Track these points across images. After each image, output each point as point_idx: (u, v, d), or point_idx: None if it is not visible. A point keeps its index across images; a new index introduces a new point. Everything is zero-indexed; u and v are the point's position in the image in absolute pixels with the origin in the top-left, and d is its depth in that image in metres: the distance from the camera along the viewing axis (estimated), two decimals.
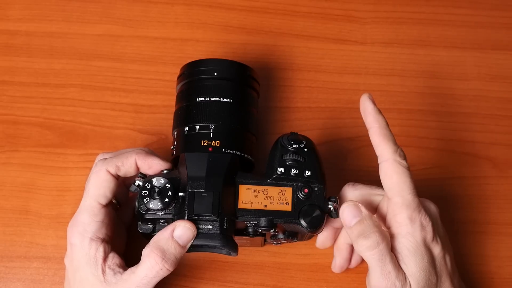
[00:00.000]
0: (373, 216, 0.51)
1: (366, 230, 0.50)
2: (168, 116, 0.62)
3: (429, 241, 0.51)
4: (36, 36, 0.69)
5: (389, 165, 0.51)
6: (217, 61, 0.58)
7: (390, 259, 0.49)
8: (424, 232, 0.51)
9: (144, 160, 0.54)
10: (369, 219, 0.50)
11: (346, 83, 0.69)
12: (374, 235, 0.49)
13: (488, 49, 0.72)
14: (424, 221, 0.51)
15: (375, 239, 0.49)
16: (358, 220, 0.50)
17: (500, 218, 0.64)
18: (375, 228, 0.50)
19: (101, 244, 0.52)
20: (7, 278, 0.60)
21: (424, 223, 0.51)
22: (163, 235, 0.50)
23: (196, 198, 0.50)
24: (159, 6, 0.72)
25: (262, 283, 0.61)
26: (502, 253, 0.62)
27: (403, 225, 0.51)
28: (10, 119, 0.66)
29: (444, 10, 0.73)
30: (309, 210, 0.51)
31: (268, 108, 0.67)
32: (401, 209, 0.51)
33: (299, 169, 0.53)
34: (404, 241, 0.50)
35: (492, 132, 0.68)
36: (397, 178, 0.51)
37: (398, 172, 0.51)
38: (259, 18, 0.72)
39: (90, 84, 0.68)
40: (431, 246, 0.51)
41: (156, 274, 0.49)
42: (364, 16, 0.73)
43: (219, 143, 0.54)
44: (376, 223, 0.50)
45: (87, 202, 0.53)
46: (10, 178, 0.63)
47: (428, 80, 0.70)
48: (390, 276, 0.49)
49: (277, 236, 0.55)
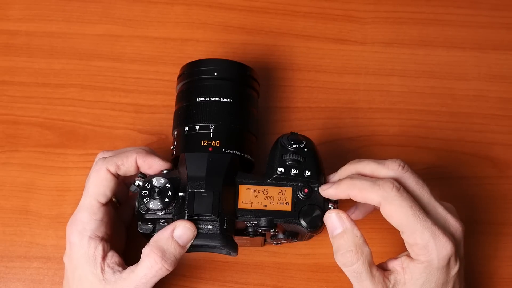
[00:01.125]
0: (354, 228, 0.49)
1: (342, 247, 0.49)
2: (168, 116, 0.62)
3: (451, 261, 0.49)
4: (36, 36, 0.69)
5: (383, 206, 0.49)
6: (217, 61, 0.58)
7: (367, 275, 0.48)
8: (444, 257, 0.48)
9: (144, 159, 0.54)
10: (349, 233, 0.49)
11: (346, 83, 0.69)
12: (349, 254, 0.48)
13: (488, 49, 0.72)
14: (442, 247, 0.48)
15: (349, 259, 0.48)
16: (338, 233, 0.50)
17: (500, 218, 0.64)
18: (352, 246, 0.49)
19: (100, 243, 0.52)
20: (7, 278, 0.60)
21: (442, 249, 0.48)
22: (163, 234, 0.50)
23: (196, 198, 0.50)
24: (159, 6, 0.72)
25: (262, 283, 0.61)
26: (502, 253, 0.62)
27: (420, 254, 0.49)
28: (10, 119, 0.66)
29: (444, 10, 0.73)
30: (309, 210, 0.51)
31: (268, 108, 0.67)
32: (414, 240, 0.48)
33: (299, 169, 0.53)
34: (419, 268, 0.49)
35: (492, 132, 0.68)
36: (397, 215, 0.48)
37: (395, 209, 0.48)
38: (259, 18, 0.72)
39: (90, 84, 0.68)
40: (451, 266, 0.49)
41: (155, 273, 0.49)
42: (364, 16, 0.73)
43: (219, 143, 0.54)
44: (356, 238, 0.49)
45: (87, 200, 0.52)
46: (10, 178, 0.63)
47: (428, 80, 0.70)
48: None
49: (277, 236, 0.55)
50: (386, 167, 0.52)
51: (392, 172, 0.51)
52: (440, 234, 0.48)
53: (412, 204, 0.48)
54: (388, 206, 0.48)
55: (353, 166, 0.54)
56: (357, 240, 0.49)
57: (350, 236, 0.49)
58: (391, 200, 0.48)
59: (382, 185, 0.49)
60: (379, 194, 0.49)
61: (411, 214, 0.48)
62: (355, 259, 0.48)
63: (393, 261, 0.51)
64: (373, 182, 0.49)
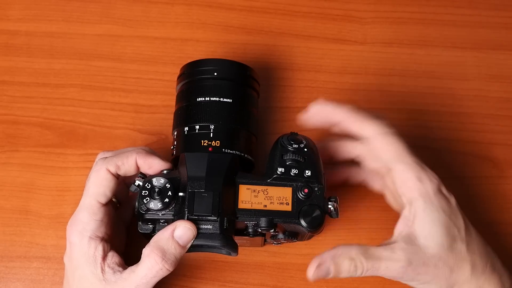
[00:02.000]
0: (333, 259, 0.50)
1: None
2: (168, 116, 0.62)
3: (445, 191, 0.52)
4: (36, 36, 0.69)
5: (380, 140, 0.52)
6: (217, 61, 0.58)
7: (375, 263, 0.49)
8: (436, 185, 0.51)
9: (144, 159, 0.54)
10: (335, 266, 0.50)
11: (346, 83, 0.69)
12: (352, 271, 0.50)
13: (488, 49, 0.72)
14: (433, 177, 0.52)
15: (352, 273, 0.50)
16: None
17: (500, 218, 0.64)
18: (347, 268, 0.50)
19: (100, 243, 0.52)
20: (7, 278, 0.60)
21: (434, 178, 0.52)
22: (163, 235, 0.50)
23: (196, 198, 0.50)
24: (159, 6, 0.72)
25: (262, 283, 0.61)
26: (502, 253, 0.62)
27: (414, 188, 0.51)
28: (10, 119, 0.66)
29: (444, 10, 0.73)
30: (309, 210, 0.51)
31: (268, 108, 0.67)
32: (407, 173, 0.51)
33: (299, 169, 0.53)
34: (419, 203, 0.51)
35: (492, 132, 0.68)
36: (392, 148, 0.51)
37: (391, 142, 0.51)
38: (259, 18, 0.72)
39: (90, 84, 0.68)
40: (447, 197, 0.52)
41: (156, 274, 0.49)
42: (364, 16, 0.73)
43: (219, 143, 0.54)
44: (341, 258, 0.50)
45: (87, 200, 0.53)
46: (10, 178, 0.63)
47: (428, 80, 0.70)
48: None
49: (277, 236, 0.55)
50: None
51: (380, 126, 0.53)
52: (426, 167, 0.52)
53: (404, 142, 0.52)
54: (385, 140, 0.52)
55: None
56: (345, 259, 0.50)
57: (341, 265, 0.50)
58: (389, 135, 0.52)
59: (380, 119, 0.52)
60: (378, 128, 0.52)
61: (405, 149, 0.52)
62: (354, 269, 0.49)
63: (398, 226, 0.52)
64: (375, 116, 0.52)
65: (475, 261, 0.51)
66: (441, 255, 0.50)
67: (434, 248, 0.50)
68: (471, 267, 0.51)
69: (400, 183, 0.52)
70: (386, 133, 0.52)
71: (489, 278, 0.52)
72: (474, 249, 0.52)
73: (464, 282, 0.51)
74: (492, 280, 0.52)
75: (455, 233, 0.51)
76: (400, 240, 0.51)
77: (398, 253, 0.50)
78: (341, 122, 0.53)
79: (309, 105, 0.54)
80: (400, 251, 0.50)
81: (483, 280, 0.51)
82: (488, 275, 0.52)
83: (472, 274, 0.51)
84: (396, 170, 0.52)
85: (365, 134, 0.52)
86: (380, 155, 0.52)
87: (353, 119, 0.52)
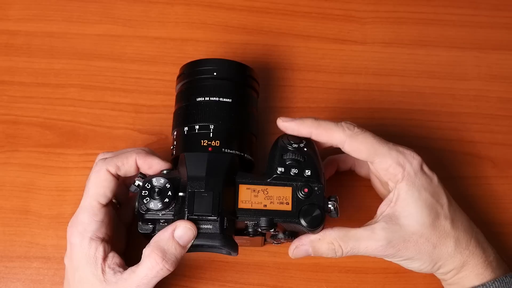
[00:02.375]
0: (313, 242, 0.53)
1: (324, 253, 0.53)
2: (168, 116, 0.62)
3: (426, 170, 0.54)
4: (36, 36, 0.69)
5: (349, 143, 0.53)
6: (217, 61, 0.58)
7: (356, 243, 0.52)
8: (416, 165, 0.53)
9: (144, 160, 0.54)
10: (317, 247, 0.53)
11: (346, 83, 0.69)
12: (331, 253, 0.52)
13: (488, 49, 0.72)
14: (412, 158, 0.54)
15: (332, 253, 0.53)
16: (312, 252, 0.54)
17: (500, 218, 0.64)
18: (326, 250, 0.53)
19: (100, 244, 0.52)
20: (7, 278, 0.60)
21: (413, 159, 0.54)
22: (163, 235, 0.50)
23: (196, 198, 0.50)
24: (159, 6, 0.72)
25: (262, 283, 0.61)
26: (503, 253, 0.62)
27: (396, 173, 0.53)
28: (10, 119, 0.66)
29: (444, 10, 0.73)
30: (309, 209, 0.51)
31: (268, 108, 0.67)
32: (386, 162, 0.53)
33: (299, 168, 0.53)
34: (401, 185, 0.53)
35: (492, 132, 0.68)
36: (364, 146, 0.53)
37: (361, 142, 0.53)
38: (259, 18, 0.72)
39: (90, 84, 0.68)
40: (429, 175, 0.54)
41: (156, 274, 0.49)
42: (364, 16, 0.73)
43: (219, 143, 0.54)
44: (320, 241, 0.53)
45: (87, 201, 0.53)
46: (10, 178, 0.63)
47: (428, 80, 0.70)
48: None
49: (277, 235, 0.55)
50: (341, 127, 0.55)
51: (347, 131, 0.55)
52: (404, 149, 0.54)
53: (373, 135, 0.54)
54: (355, 142, 0.53)
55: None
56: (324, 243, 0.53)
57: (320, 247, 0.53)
58: (356, 136, 0.53)
59: (345, 125, 0.54)
60: (344, 133, 0.53)
61: (376, 141, 0.53)
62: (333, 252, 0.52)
63: (380, 207, 0.54)
64: (337, 123, 0.54)
65: (458, 237, 0.53)
66: (422, 232, 0.52)
67: (415, 226, 0.52)
68: (454, 242, 0.53)
69: (383, 171, 0.54)
70: (354, 134, 0.53)
71: (473, 252, 0.53)
72: (458, 225, 0.53)
73: (448, 257, 0.53)
74: (476, 253, 0.53)
75: (439, 210, 0.53)
76: (381, 220, 0.53)
77: (378, 232, 0.52)
78: (313, 136, 0.54)
79: (277, 121, 0.55)
80: (380, 230, 0.52)
81: (467, 254, 0.53)
82: (472, 249, 0.53)
83: (456, 249, 0.53)
84: (376, 163, 0.54)
85: (335, 142, 0.54)
86: (356, 156, 0.54)
87: (319, 130, 0.54)
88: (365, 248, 0.52)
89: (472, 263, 0.53)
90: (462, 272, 0.54)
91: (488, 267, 0.54)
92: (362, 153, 0.54)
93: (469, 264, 0.53)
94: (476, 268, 0.53)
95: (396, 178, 0.53)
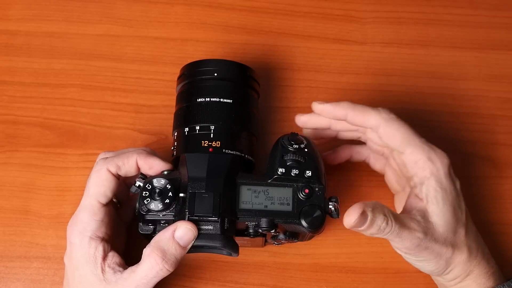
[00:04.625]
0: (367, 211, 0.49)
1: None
2: (168, 116, 0.62)
3: (452, 174, 0.54)
4: (36, 36, 0.69)
5: (385, 127, 0.53)
6: (217, 61, 0.58)
7: (401, 227, 0.49)
8: (446, 166, 0.53)
9: (145, 160, 0.54)
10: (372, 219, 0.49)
11: (346, 83, 0.69)
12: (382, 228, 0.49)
13: (488, 49, 0.72)
14: (443, 157, 0.53)
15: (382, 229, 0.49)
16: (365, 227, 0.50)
17: (500, 218, 0.64)
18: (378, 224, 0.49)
19: (100, 243, 0.52)
20: (7, 278, 0.60)
21: (444, 158, 0.53)
22: (164, 235, 0.50)
23: (196, 199, 0.50)
24: (159, 6, 0.72)
25: (262, 283, 0.61)
26: (502, 253, 0.62)
27: (426, 168, 0.53)
28: (10, 119, 0.66)
29: (444, 10, 0.73)
30: (310, 210, 0.51)
31: (268, 108, 0.67)
32: (417, 154, 0.53)
33: (299, 169, 0.53)
34: (431, 182, 0.52)
35: (492, 132, 0.68)
36: (399, 133, 0.53)
37: (397, 128, 0.53)
38: (259, 18, 0.72)
39: (90, 84, 0.68)
40: (454, 179, 0.54)
41: (156, 274, 0.50)
42: (364, 16, 0.73)
43: (220, 144, 0.54)
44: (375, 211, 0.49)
45: (87, 201, 0.53)
46: (10, 178, 0.63)
47: (428, 80, 0.70)
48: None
49: (277, 236, 0.55)
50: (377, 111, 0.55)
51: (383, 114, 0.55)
52: (435, 147, 0.54)
53: (409, 125, 0.54)
54: (390, 127, 0.53)
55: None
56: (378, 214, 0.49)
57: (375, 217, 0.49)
58: (392, 121, 0.53)
59: (382, 110, 0.54)
60: (381, 116, 0.53)
61: (411, 132, 0.53)
62: (385, 225, 0.49)
63: (409, 201, 0.54)
64: (373, 107, 0.54)
65: (470, 245, 0.53)
66: (447, 236, 0.52)
67: (444, 227, 0.52)
68: (467, 251, 0.53)
69: (412, 164, 0.53)
70: (390, 119, 0.53)
71: (479, 262, 0.54)
72: (470, 234, 0.54)
73: (459, 264, 0.53)
74: (482, 264, 0.54)
75: (459, 216, 0.53)
76: (416, 214, 0.52)
77: (416, 224, 0.51)
78: (349, 119, 0.54)
79: (312, 105, 0.55)
80: (417, 223, 0.51)
81: (474, 264, 0.53)
82: (479, 260, 0.54)
83: (468, 257, 0.53)
84: (407, 153, 0.53)
85: (370, 124, 0.54)
86: (389, 141, 0.54)
87: (356, 112, 0.54)
88: (406, 236, 0.50)
89: (476, 273, 0.53)
90: (465, 281, 0.54)
91: (491, 278, 0.54)
92: (395, 140, 0.53)
93: (473, 273, 0.53)
94: (479, 278, 0.53)
95: (424, 173, 0.53)
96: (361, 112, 0.54)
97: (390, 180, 0.60)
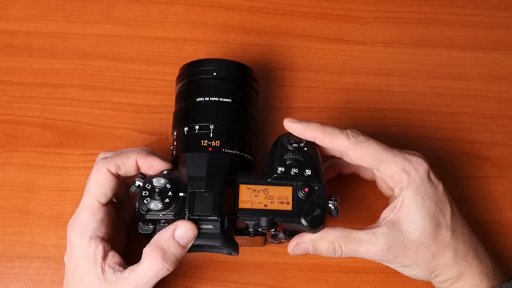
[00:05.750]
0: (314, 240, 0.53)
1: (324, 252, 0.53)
2: (168, 116, 0.62)
3: (433, 178, 0.54)
4: (36, 36, 0.69)
5: (354, 150, 0.53)
6: (217, 61, 0.58)
7: (356, 244, 0.52)
8: (423, 172, 0.53)
9: (144, 160, 0.54)
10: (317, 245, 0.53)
11: (346, 83, 0.69)
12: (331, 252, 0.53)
13: (488, 49, 0.72)
14: (418, 164, 0.53)
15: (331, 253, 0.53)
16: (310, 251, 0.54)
17: (500, 218, 0.64)
18: (326, 248, 0.52)
19: (100, 243, 0.52)
20: (7, 278, 0.60)
21: (420, 165, 0.53)
22: (164, 235, 0.50)
23: (196, 198, 0.50)
24: (159, 6, 0.72)
25: (262, 283, 0.61)
26: (502, 253, 0.62)
27: (402, 180, 0.53)
28: (10, 119, 0.66)
29: (444, 10, 0.73)
30: (310, 209, 0.51)
31: (268, 108, 0.67)
32: (392, 169, 0.53)
33: (299, 168, 0.53)
34: (407, 192, 0.53)
35: (492, 132, 0.68)
36: (368, 153, 0.53)
37: (365, 149, 0.53)
38: (259, 18, 0.72)
39: (90, 84, 0.68)
40: (435, 183, 0.54)
41: (156, 273, 0.49)
42: (364, 16, 0.73)
43: (219, 143, 0.54)
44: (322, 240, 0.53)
45: (87, 200, 0.53)
46: (10, 178, 0.63)
47: (428, 80, 0.70)
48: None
49: (277, 235, 0.55)
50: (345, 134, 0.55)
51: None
52: (409, 156, 0.54)
53: (378, 142, 0.54)
54: (359, 149, 0.53)
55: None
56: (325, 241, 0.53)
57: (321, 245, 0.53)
58: (360, 143, 0.53)
59: (350, 133, 0.54)
60: (349, 141, 0.53)
61: (381, 148, 0.53)
62: (332, 252, 0.53)
63: (383, 212, 0.54)
64: (342, 130, 0.54)
65: (457, 247, 0.53)
66: (422, 241, 0.52)
67: (416, 234, 0.52)
68: (453, 253, 0.53)
69: (389, 178, 0.54)
70: (358, 142, 0.53)
71: (470, 263, 0.54)
72: (458, 235, 0.54)
73: (445, 267, 0.53)
74: (473, 265, 0.54)
75: (441, 220, 0.53)
76: (383, 225, 0.53)
77: (379, 237, 0.52)
78: (318, 141, 0.54)
79: (283, 121, 0.55)
80: (382, 235, 0.52)
81: (464, 265, 0.53)
82: (469, 261, 0.54)
83: (454, 260, 0.53)
84: (381, 170, 0.54)
85: (339, 148, 0.54)
86: (361, 163, 0.54)
87: (325, 135, 0.54)
88: (364, 251, 0.52)
89: (468, 274, 0.53)
90: (458, 283, 0.54)
91: (485, 278, 0.54)
92: (366, 161, 0.53)
93: (465, 275, 0.53)
94: (472, 279, 0.53)
95: (401, 185, 0.53)
96: (329, 135, 0.53)
97: (381, 187, 0.60)
